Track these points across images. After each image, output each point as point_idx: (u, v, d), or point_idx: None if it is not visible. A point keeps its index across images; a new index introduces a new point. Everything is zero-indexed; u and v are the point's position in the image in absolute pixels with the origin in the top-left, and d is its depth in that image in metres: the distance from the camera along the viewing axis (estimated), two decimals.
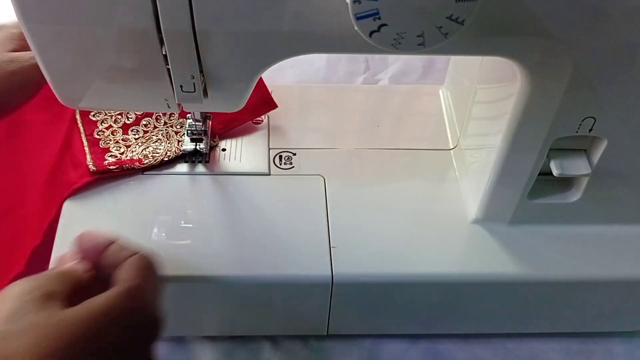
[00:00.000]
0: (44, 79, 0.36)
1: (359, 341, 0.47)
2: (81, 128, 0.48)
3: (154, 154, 0.47)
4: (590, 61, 0.34)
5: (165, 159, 0.46)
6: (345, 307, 0.44)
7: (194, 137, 0.47)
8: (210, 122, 0.49)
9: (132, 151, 0.47)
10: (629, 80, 0.35)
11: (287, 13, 0.31)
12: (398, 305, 0.44)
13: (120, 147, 0.47)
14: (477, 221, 0.45)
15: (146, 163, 0.46)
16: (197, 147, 0.47)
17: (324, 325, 0.45)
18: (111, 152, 0.47)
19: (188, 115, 0.47)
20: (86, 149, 0.46)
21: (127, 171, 0.45)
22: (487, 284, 0.43)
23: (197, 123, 0.47)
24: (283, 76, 0.69)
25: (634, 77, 0.35)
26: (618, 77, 0.35)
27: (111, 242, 0.35)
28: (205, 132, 0.47)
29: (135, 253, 0.34)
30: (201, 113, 0.46)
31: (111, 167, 0.45)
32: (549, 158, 0.41)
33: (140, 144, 0.48)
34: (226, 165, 0.48)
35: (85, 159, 0.46)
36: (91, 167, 0.45)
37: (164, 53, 0.33)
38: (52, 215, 0.43)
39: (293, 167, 0.48)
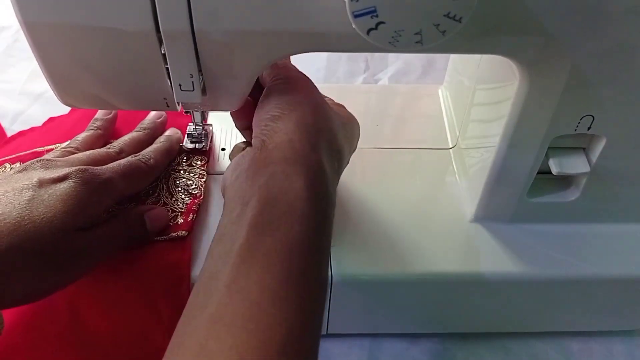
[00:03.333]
0: None
1: (358, 340, 0.47)
2: None
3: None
4: (588, 59, 0.34)
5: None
6: (345, 306, 0.44)
7: (194, 140, 0.47)
8: (211, 126, 0.49)
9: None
10: (627, 79, 0.35)
11: (285, 12, 0.31)
12: (397, 305, 0.44)
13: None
14: (476, 220, 0.45)
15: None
16: (197, 147, 0.47)
17: (324, 324, 0.45)
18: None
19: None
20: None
21: None
22: (487, 282, 0.42)
23: (197, 127, 0.47)
24: None
25: (633, 75, 0.35)
26: (616, 76, 0.35)
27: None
28: (205, 135, 0.48)
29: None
30: (201, 117, 0.47)
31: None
32: (547, 156, 0.41)
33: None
34: (225, 165, 0.48)
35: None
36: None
37: (162, 52, 0.33)
38: None
39: None
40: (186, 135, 0.48)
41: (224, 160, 0.48)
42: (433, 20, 0.28)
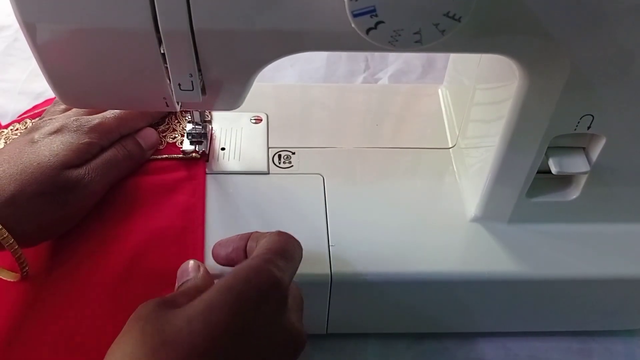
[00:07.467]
0: None
1: (358, 340, 0.47)
2: None
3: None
4: (588, 59, 0.34)
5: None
6: (345, 306, 0.44)
7: (194, 140, 0.47)
8: (211, 126, 0.49)
9: None
10: (627, 78, 0.35)
11: (284, 11, 0.31)
12: (397, 304, 0.44)
13: None
14: (476, 219, 0.45)
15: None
16: (197, 148, 0.47)
17: (324, 324, 0.45)
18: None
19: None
20: None
21: None
22: (487, 282, 0.42)
23: (196, 126, 0.47)
24: (283, 75, 0.69)
25: (632, 75, 0.35)
26: (616, 76, 0.35)
27: (249, 235, 0.38)
28: (205, 135, 0.48)
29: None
30: (201, 117, 0.47)
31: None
32: (547, 156, 0.41)
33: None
34: (225, 164, 0.48)
35: None
36: None
37: (162, 52, 0.33)
38: None
39: (292, 166, 0.48)
40: (186, 135, 0.48)
41: (224, 160, 0.48)
42: (432, 20, 0.28)
